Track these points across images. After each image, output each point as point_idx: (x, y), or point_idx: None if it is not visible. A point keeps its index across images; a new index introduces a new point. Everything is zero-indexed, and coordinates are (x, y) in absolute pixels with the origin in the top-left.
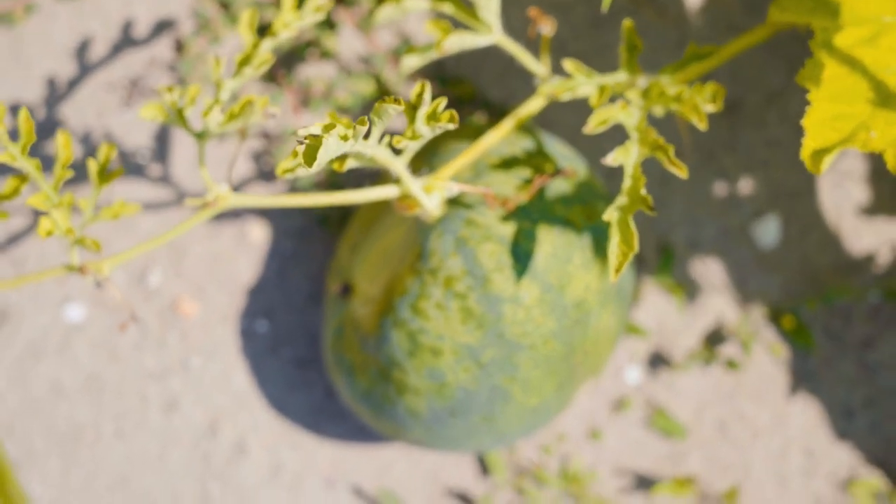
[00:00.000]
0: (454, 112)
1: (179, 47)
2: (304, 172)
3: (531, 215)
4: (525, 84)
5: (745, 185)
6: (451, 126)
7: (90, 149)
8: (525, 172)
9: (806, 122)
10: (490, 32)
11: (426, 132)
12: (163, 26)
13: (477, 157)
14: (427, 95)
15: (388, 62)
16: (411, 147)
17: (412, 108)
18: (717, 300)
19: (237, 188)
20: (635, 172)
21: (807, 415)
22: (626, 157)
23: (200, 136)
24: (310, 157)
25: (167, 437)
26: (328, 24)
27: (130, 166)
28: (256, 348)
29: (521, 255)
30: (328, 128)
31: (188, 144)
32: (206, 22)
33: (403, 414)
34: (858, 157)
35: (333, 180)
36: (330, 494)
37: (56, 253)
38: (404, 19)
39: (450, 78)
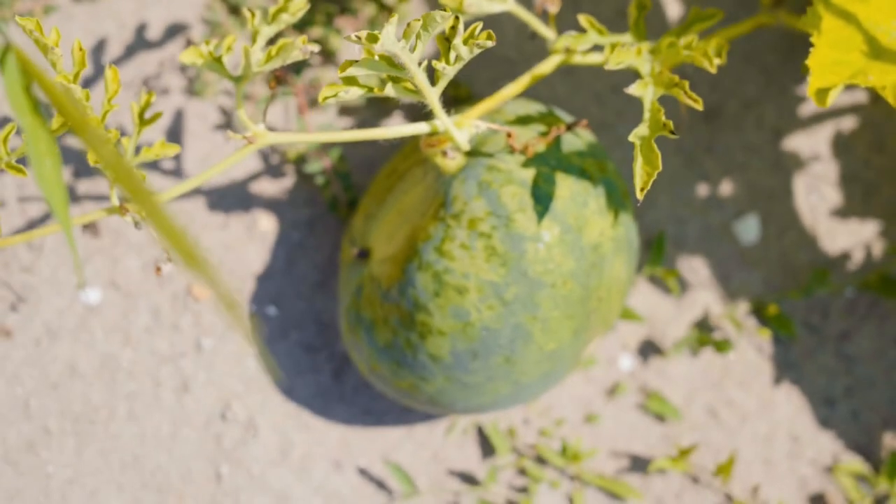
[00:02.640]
0: (491, 32)
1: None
2: (345, 96)
3: (549, 162)
4: None
5: (726, 187)
6: (490, 43)
7: None
8: (540, 128)
9: (810, 62)
10: (504, 1)
11: (465, 53)
12: (175, 30)
13: (495, 114)
14: (461, 27)
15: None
16: (448, 73)
17: (446, 40)
18: (703, 294)
19: (244, 183)
20: (653, 106)
21: (791, 403)
22: (644, 91)
23: (238, 80)
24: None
25: (179, 417)
26: (332, 27)
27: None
28: (266, 333)
29: (542, 197)
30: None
31: (197, 142)
32: (217, 25)
33: (425, 361)
34: (831, 162)
35: (342, 170)
36: (338, 475)
37: (72, 236)
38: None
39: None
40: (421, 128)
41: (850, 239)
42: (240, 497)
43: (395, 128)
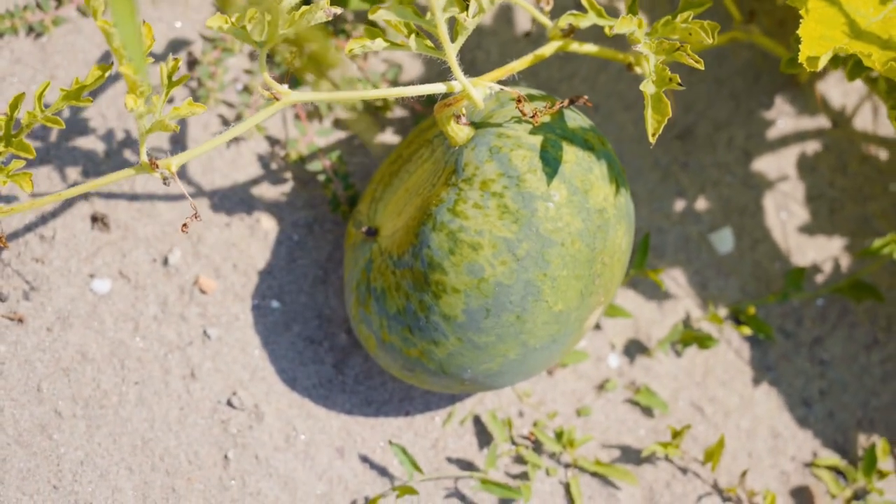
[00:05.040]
0: None
1: (193, 62)
2: (371, 46)
3: (555, 131)
4: None
5: (701, 202)
6: None
7: (111, 147)
8: (543, 104)
9: (801, 32)
10: None
11: (486, 3)
12: (177, 45)
13: (500, 93)
14: None
15: (382, 81)
16: (469, 26)
17: (463, 1)
18: (683, 301)
19: (245, 186)
20: (657, 67)
21: (770, 402)
22: (648, 52)
23: (261, 45)
24: None
25: (187, 403)
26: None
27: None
28: (269, 325)
29: (550, 160)
30: None
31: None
32: (218, 41)
33: (437, 322)
34: (797, 182)
35: (341, 171)
36: (341, 461)
37: (80, 228)
38: (392, 51)
39: (437, 98)
40: (438, 87)
41: (819, 253)
42: (247, 480)
43: (417, 87)
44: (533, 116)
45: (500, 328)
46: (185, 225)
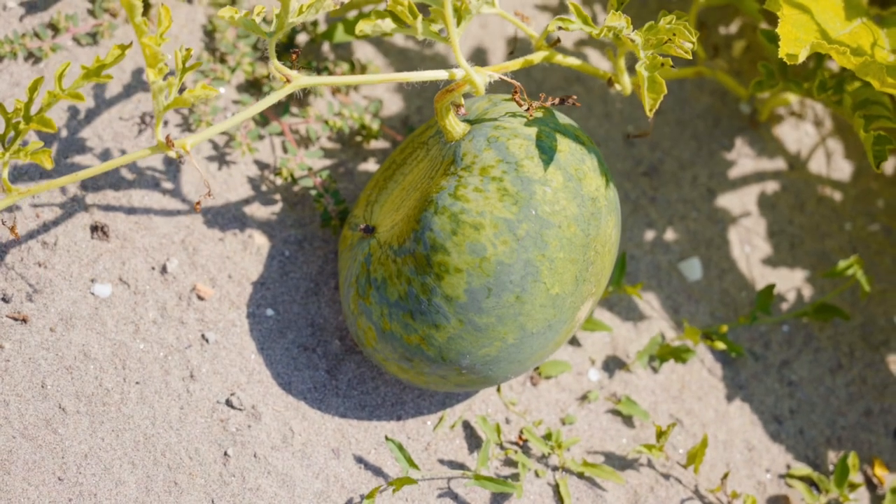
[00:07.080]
0: None
1: (184, 89)
2: (381, 26)
3: (548, 125)
4: None
5: (669, 233)
6: None
7: None
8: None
9: (780, 31)
10: (494, 7)
11: None
12: (168, 74)
13: (492, 94)
14: None
15: (365, 113)
16: (473, 9)
17: None
18: (658, 322)
19: (238, 205)
20: (648, 57)
21: (743, 417)
22: (639, 40)
23: (270, 35)
24: None
25: (187, 403)
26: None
27: (147, 180)
28: (265, 332)
29: (546, 149)
30: None
31: (193, 169)
32: (207, 72)
33: (439, 304)
34: (759, 218)
35: (332, 188)
36: (336, 461)
37: (81, 237)
38: (373, 87)
39: (416, 125)
40: (440, 74)
41: (782, 284)
42: (246, 477)
43: (421, 73)
44: (527, 109)
45: (501, 308)
46: (198, 203)
